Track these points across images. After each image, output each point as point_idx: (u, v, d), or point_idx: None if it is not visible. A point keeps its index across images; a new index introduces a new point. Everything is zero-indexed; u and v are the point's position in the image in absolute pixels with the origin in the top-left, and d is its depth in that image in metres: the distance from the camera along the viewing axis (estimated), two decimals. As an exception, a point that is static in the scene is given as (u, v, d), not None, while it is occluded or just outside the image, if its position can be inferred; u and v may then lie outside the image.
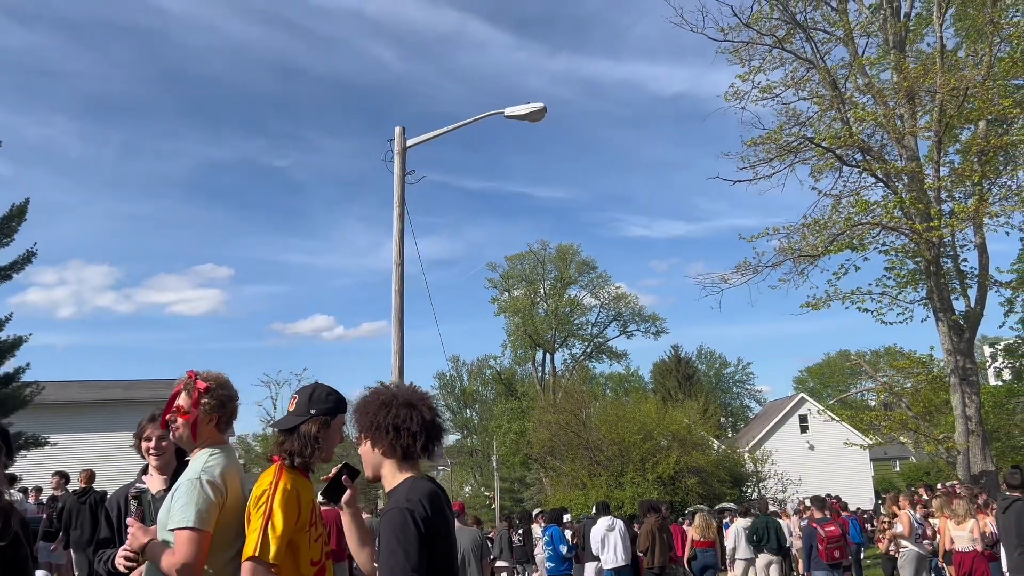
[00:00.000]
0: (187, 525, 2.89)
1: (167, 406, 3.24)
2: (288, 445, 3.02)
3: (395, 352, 12.95)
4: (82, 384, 33.15)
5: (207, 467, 3.06)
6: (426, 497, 2.67)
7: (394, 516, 2.58)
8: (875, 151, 18.13)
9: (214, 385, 3.22)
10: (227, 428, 3.29)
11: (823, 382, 73.14)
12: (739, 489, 32.94)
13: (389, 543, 2.54)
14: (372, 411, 2.79)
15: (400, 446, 2.75)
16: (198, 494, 2.94)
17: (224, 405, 3.23)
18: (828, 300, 18.17)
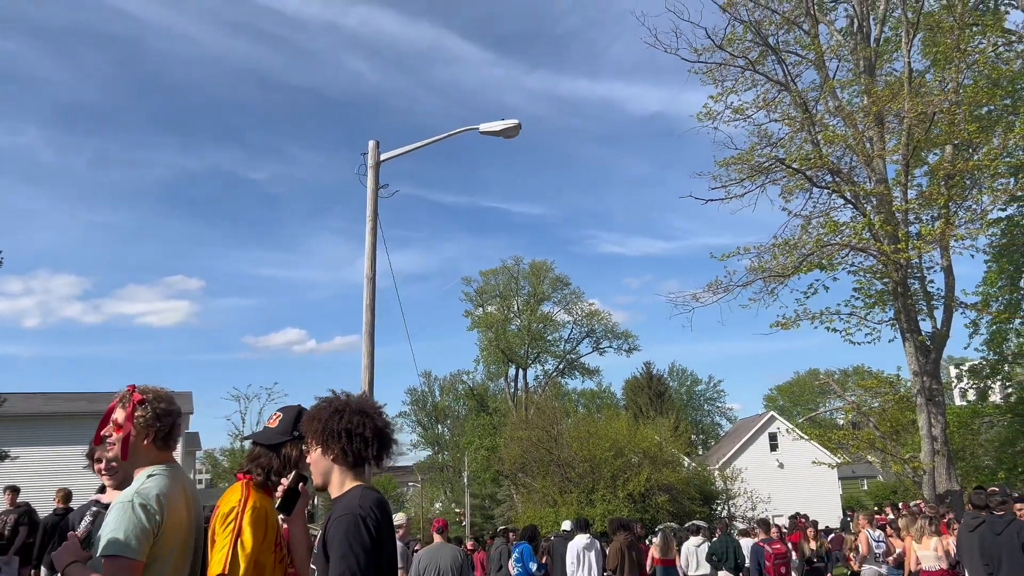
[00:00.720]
0: (112, 552, 2.70)
1: (102, 421, 3.04)
2: (265, 461, 3.00)
3: (365, 367, 12.86)
4: (45, 396, 32.53)
5: (142, 489, 2.85)
6: (376, 505, 2.71)
7: (347, 521, 2.61)
8: (844, 173, 18.40)
9: (150, 397, 3.01)
10: (168, 445, 3.05)
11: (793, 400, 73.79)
12: (709, 507, 32.99)
13: (342, 547, 2.55)
14: (324, 417, 2.81)
15: (352, 452, 2.77)
16: (128, 518, 2.74)
17: (160, 419, 2.98)
18: (798, 319, 18.35)
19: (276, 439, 3.07)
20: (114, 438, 2.98)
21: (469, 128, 13.58)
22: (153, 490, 2.86)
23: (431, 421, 65.84)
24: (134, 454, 2.99)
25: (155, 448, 3.01)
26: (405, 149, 13.89)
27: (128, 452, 2.98)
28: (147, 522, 2.76)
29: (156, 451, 3.01)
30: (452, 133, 13.82)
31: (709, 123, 18.67)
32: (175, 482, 2.96)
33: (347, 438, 2.76)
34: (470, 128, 13.56)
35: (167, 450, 3.06)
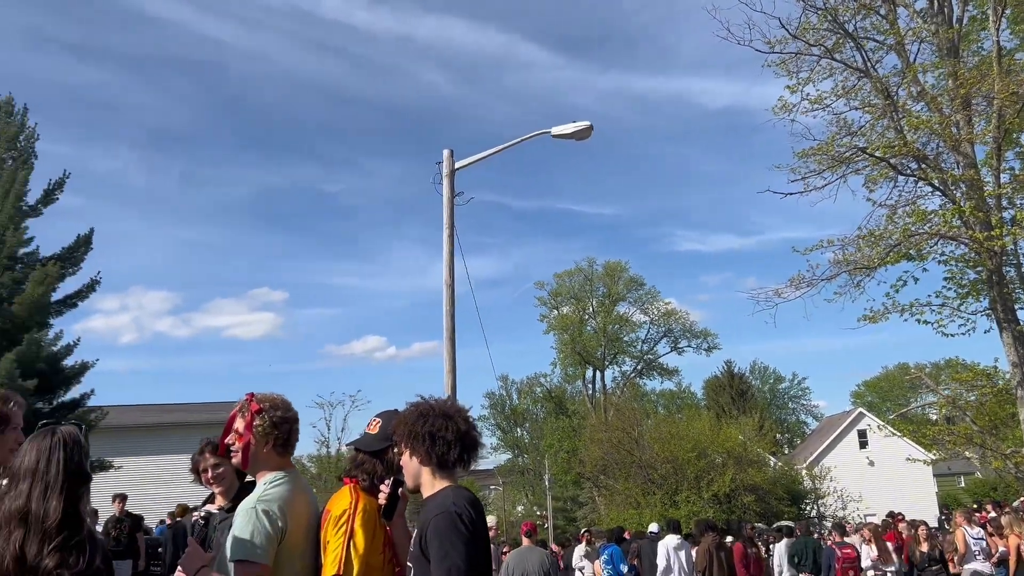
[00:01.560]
0: (241, 557, 2.81)
1: (224, 430, 3.16)
2: (369, 466, 3.09)
3: (447, 372, 13.03)
4: (142, 408, 33.97)
5: (264, 496, 2.95)
6: (470, 503, 2.79)
7: (444, 520, 2.67)
8: (931, 159, 17.74)
9: (267, 406, 3.10)
10: (287, 451, 3.13)
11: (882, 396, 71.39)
12: (797, 507, 32.26)
13: (443, 545, 2.61)
14: (410, 421, 2.91)
15: (435, 454, 2.85)
16: (254, 524, 2.84)
17: (277, 427, 3.07)
18: (886, 313, 17.76)
19: (377, 445, 3.14)
20: (236, 446, 3.09)
21: (541, 132, 13.62)
22: (275, 496, 2.96)
23: (509, 424, 66.06)
24: (254, 461, 3.09)
25: (275, 454, 3.10)
26: (479, 156, 14.01)
27: (248, 460, 3.09)
28: (271, 528, 2.86)
29: (276, 457, 3.11)
30: (524, 138, 13.89)
31: (786, 115, 18.25)
32: (295, 487, 3.06)
33: (431, 441, 2.85)
34: (542, 132, 13.60)
35: (286, 456, 3.15)
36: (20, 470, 2.52)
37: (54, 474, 2.49)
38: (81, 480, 2.56)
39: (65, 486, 2.50)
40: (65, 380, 21.07)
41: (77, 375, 21.24)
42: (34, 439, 2.59)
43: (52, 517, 2.44)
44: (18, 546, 2.39)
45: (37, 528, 2.42)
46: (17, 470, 2.52)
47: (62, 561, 2.40)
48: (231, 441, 3.12)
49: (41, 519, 2.43)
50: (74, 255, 21.50)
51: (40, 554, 2.39)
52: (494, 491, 64.70)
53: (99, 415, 21.79)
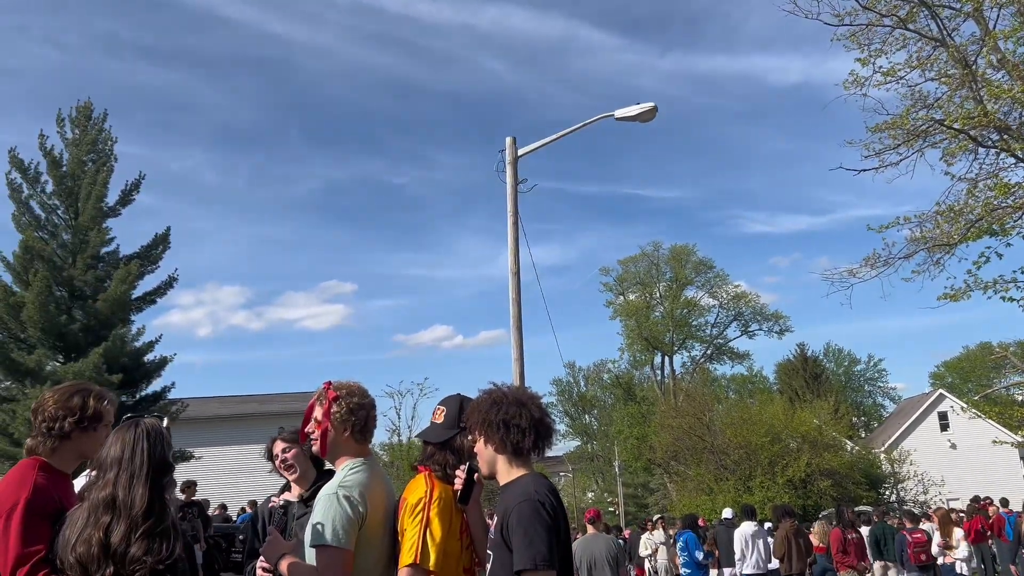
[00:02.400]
0: (324, 542, 2.84)
1: (304, 420, 3.20)
2: (440, 457, 3.09)
3: (515, 359, 13.04)
4: (220, 400, 35.00)
5: (344, 482, 2.99)
6: (550, 491, 2.79)
7: (527, 507, 2.67)
8: (1014, 130, 16.96)
9: (344, 393, 3.13)
10: (365, 438, 3.16)
11: (963, 377, 68.87)
12: (876, 491, 31.52)
13: (527, 532, 2.61)
14: (484, 408, 2.90)
15: (510, 442, 2.85)
16: (335, 510, 2.88)
17: (354, 413, 3.09)
18: (968, 290, 17.08)
19: (444, 435, 3.14)
20: (316, 434, 3.14)
21: (605, 116, 13.47)
22: (355, 482, 3.00)
23: (578, 411, 66.00)
24: (333, 447, 3.13)
25: (353, 441, 3.14)
26: (541, 143, 13.94)
27: (327, 447, 3.12)
28: (352, 513, 2.90)
29: (355, 444, 3.14)
30: (588, 122, 13.76)
31: (857, 89, 17.64)
32: (373, 474, 3.10)
33: (505, 428, 2.85)
34: (606, 116, 13.46)
35: (364, 442, 3.18)
36: (106, 460, 2.59)
37: (139, 464, 2.57)
38: (165, 470, 2.64)
39: (150, 475, 2.57)
40: (147, 374, 21.88)
41: (158, 369, 22.01)
42: (119, 431, 2.67)
43: (138, 505, 2.51)
44: (103, 532, 2.46)
45: (124, 515, 2.49)
46: (103, 460, 2.60)
47: (148, 549, 2.47)
48: (310, 430, 3.16)
49: (128, 507, 2.50)
50: (152, 253, 22.27)
51: (126, 541, 2.46)
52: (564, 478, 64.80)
53: (179, 407, 22.55)
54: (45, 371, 19.80)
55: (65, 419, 2.88)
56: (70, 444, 2.91)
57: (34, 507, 2.66)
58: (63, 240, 21.62)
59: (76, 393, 2.97)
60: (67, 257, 21.27)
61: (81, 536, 2.48)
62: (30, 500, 2.67)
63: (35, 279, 19.34)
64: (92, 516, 2.50)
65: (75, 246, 21.38)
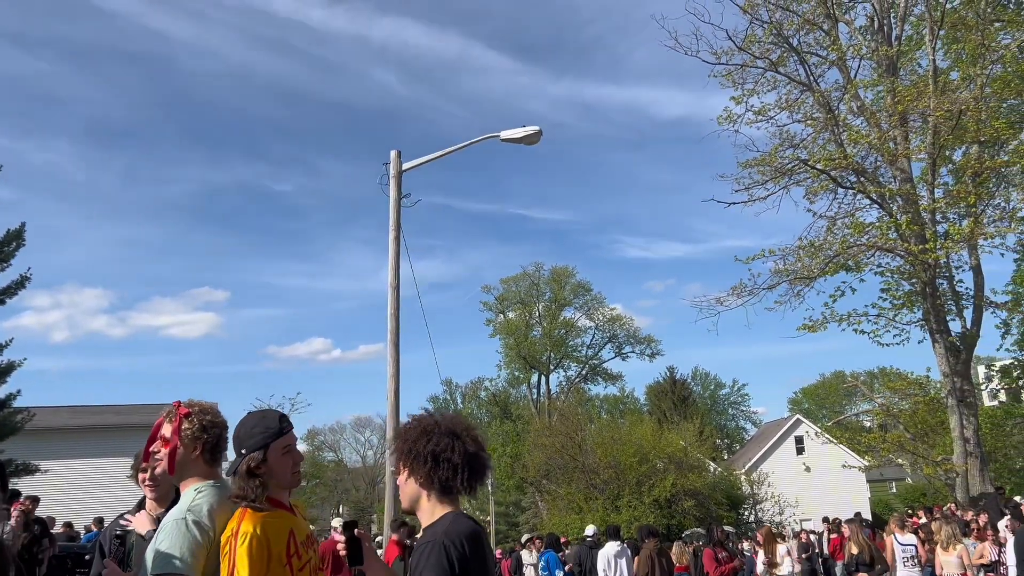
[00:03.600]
0: (169, 571, 2.68)
1: (150, 439, 3.03)
2: (235, 490, 2.86)
3: (391, 376, 12.86)
4: (73, 409, 32.84)
5: (194, 505, 2.84)
6: (467, 536, 2.51)
7: (429, 550, 2.44)
8: (869, 173, 18.22)
9: (196, 411, 2.98)
10: (216, 459, 3.02)
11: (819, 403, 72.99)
12: (736, 512, 32.75)
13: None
14: (412, 439, 2.63)
15: (438, 478, 2.58)
16: (182, 536, 2.73)
17: (206, 431, 2.95)
18: (824, 322, 18.16)
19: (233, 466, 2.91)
20: (162, 453, 2.98)
21: (490, 136, 13.57)
22: (204, 506, 2.85)
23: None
24: (181, 468, 2.97)
25: (203, 462, 2.99)
26: (427, 158, 13.89)
27: (175, 466, 2.96)
28: (200, 538, 2.75)
29: (204, 465, 2.99)
30: (474, 141, 13.82)
31: (730, 126, 18.55)
32: (224, 497, 2.94)
33: (434, 463, 2.58)
34: (491, 136, 13.55)
35: (215, 464, 3.03)
36: None
37: None
38: None
39: None
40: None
41: (3, 374, 20.45)
42: None
43: None
44: None
45: None
46: None
47: None
48: (156, 448, 3.00)
49: None
50: (3, 250, 20.71)
51: None
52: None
53: (25, 416, 21.01)
54: None
55: None
56: None
57: None
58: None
59: None
60: (-96, 250, 19.55)
61: None
62: None
63: None
64: None
65: (-86, 239, 19.68)
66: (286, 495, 2.99)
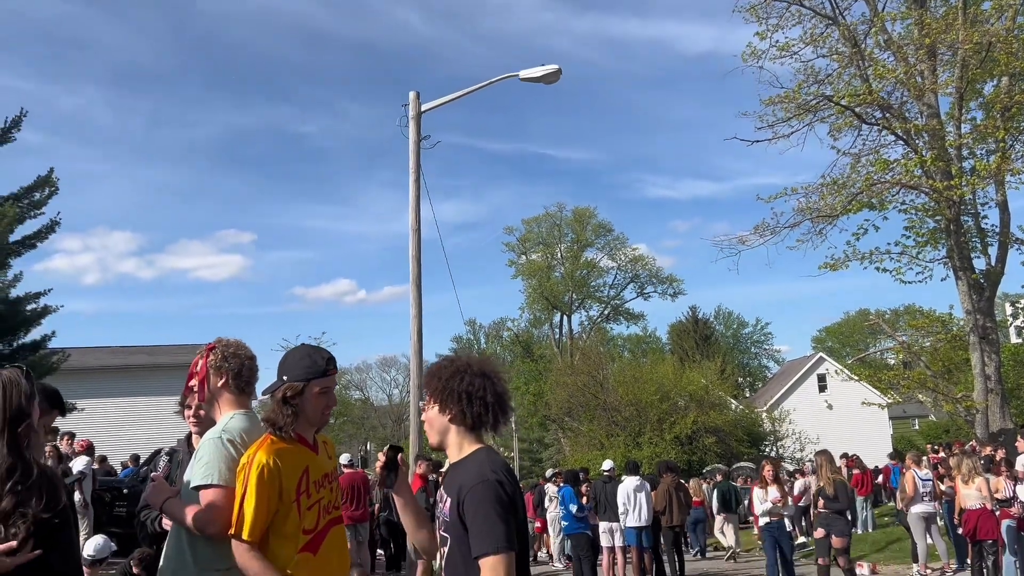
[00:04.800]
0: (210, 482, 2.91)
1: (188, 375, 3.26)
2: (266, 413, 3.00)
3: (413, 317, 13.08)
4: (107, 350, 33.64)
5: (228, 427, 3.06)
6: (505, 469, 2.68)
7: (484, 489, 2.55)
8: (895, 109, 17.89)
9: (220, 344, 3.22)
10: (243, 390, 3.22)
11: (842, 341, 72.83)
12: (757, 448, 33.13)
13: (487, 516, 2.51)
14: (445, 376, 2.76)
15: (471, 414, 2.71)
16: (219, 451, 2.96)
17: (227, 360, 3.16)
18: (847, 260, 18.08)
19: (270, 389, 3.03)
20: (194, 383, 3.22)
21: (510, 75, 13.48)
22: (237, 427, 3.08)
23: (477, 368, 66.50)
24: (212, 395, 3.20)
25: (232, 393, 3.20)
26: (446, 99, 13.85)
27: (206, 392, 3.20)
28: (235, 454, 2.98)
29: (234, 396, 3.20)
30: (492, 81, 13.74)
31: (754, 62, 18.24)
32: (254, 424, 3.15)
33: (467, 400, 2.71)
34: (510, 75, 13.47)
35: (244, 395, 3.24)
36: None
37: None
38: (20, 419, 2.54)
39: (6, 429, 2.49)
40: (25, 322, 20.77)
41: (38, 317, 20.93)
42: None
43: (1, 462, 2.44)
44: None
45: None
46: None
47: (19, 503, 2.42)
48: (193, 382, 3.24)
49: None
50: (33, 195, 21.01)
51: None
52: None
53: (61, 357, 21.56)
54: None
55: None
56: None
57: None
58: (-69, 178, 20.16)
59: None
60: (-64, 196, 19.89)
61: None
62: None
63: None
64: None
65: (-55, 184, 19.97)
66: (311, 433, 3.13)
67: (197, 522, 2.92)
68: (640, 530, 12.15)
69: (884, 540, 15.06)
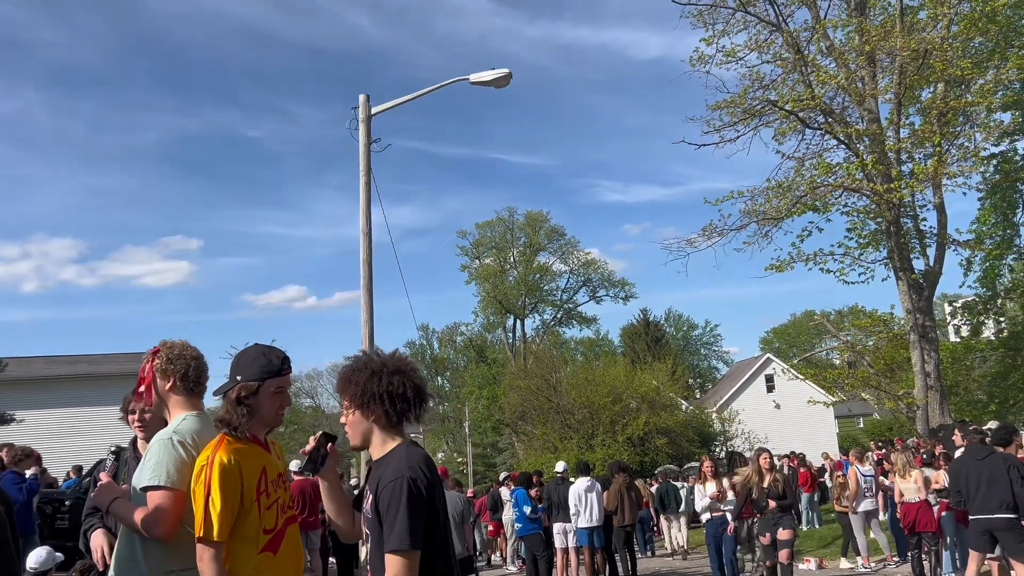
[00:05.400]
0: (158, 483, 2.88)
1: (138, 381, 3.23)
2: (220, 414, 2.96)
3: (364, 322, 13.00)
4: (46, 360, 32.70)
5: (179, 428, 3.03)
6: (423, 463, 2.69)
7: (398, 485, 2.58)
8: (837, 114, 18.34)
9: (165, 347, 3.19)
10: (192, 390, 3.18)
11: (789, 342, 74.19)
12: (708, 448, 33.53)
13: (397, 513, 2.54)
14: (362, 381, 2.74)
15: (395, 412, 2.73)
16: (168, 453, 2.93)
17: (172, 362, 3.14)
18: (791, 262, 18.46)
19: (223, 388, 2.99)
20: (142, 388, 3.19)
21: (460, 79, 13.49)
22: (188, 429, 3.06)
23: (430, 373, 66.40)
24: (161, 399, 3.18)
25: (181, 394, 3.17)
26: (396, 102, 13.81)
27: (152, 396, 3.18)
28: (185, 456, 2.96)
29: (184, 398, 3.18)
30: (443, 84, 13.74)
31: (701, 67, 18.54)
32: (206, 425, 3.13)
33: (389, 401, 2.71)
34: (461, 79, 13.48)
35: (194, 396, 3.21)
36: None
37: None
38: None
39: None
40: (-39, 331, 20.14)
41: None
42: None
43: None
44: None
45: None
46: None
47: None
48: (141, 388, 3.21)
49: None
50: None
51: None
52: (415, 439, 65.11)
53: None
54: None
55: None
56: None
57: None
58: None
59: None
60: None
61: None
62: None
63: None
64: None
65: None
66: (263, 433, 3.09)
67: (144, 524, 2.89)
68: (592, 530, 12.23)
69: (831, 536, 15.37)
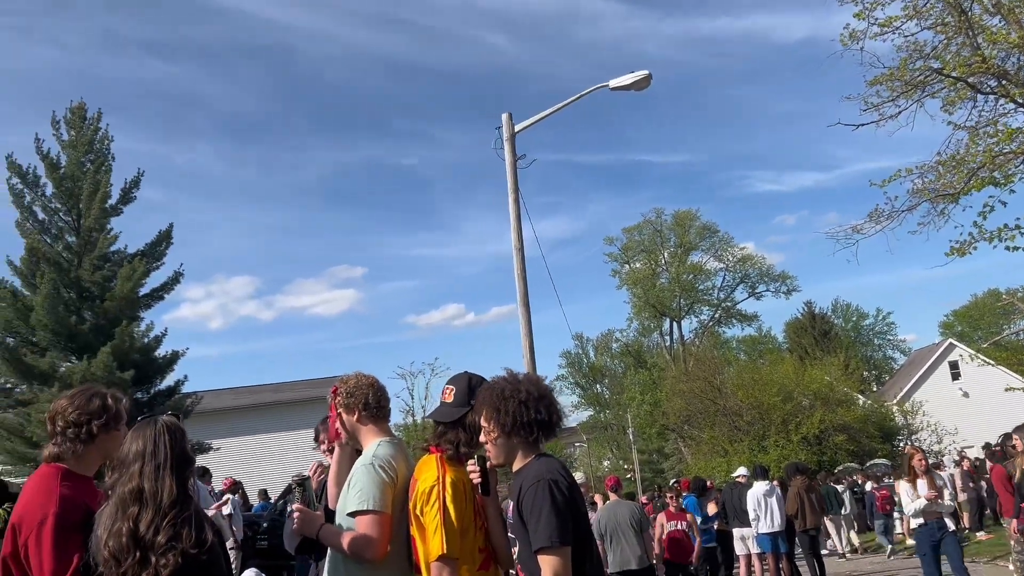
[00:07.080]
0: (368, 508, 3.03)
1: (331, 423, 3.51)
2: (453, 436, 3.13)
3: (524, 335, 13.12)
4: (233, 391, 35.22)
5: (377, 453, 3.19)
6: (561, 469, 2.90)
7: (540, 487, 2.75)
8: (1012, 75, 16.83)
9: (340, 383, 3.40)
10: (377, 416, 3.36)
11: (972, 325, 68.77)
12: (890, 444, 31.65)
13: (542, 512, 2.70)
14: (511, 409, 2.92)
15: (543, 436, 2.96)
16: (371, 478, 3.08)
17: (352, 395, 3.32)
18: (973, 243, 17.01)
19: (455, 414, 3.17)
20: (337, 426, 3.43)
21: (599, 86, 13.42)
22: (385, 454, 3.22)
23: (588, 382, 66.28)
24: (352, 432, 3.39)
25: (368, 421, 3.36)
26: (538, 117, 13.89)
27: (344, 432, 3.40)
28: (387, 479, 3.12)
29: (372, 425, 3.36)
30: (582, 94, 13.70)
31: (854, 44, 17.51)
32: (398, 449, 3.31)
33: (538, 426, 2.92)
34: (600, 86, 13.40)
35: (381, 421, 3.40)
36: (128, 456, 2.67)
37: (163, 456, 2.65)
38: (187, 462, 2.74)
39: (175, 467, 2.65)
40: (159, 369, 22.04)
41: (170, 364, 22.17)
42: (138, 428, 2.75)
43: (166, 495, 2.59)
44: (132, 522, 2.53)
45: (151, 505, 2.57)
46: (126, 456, 2.68)
47: (175, 536, 2.55)
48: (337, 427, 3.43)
49: (155, 496, 2.58)
50: (156, 250, 22.35)
51: (154, 529, 2.54)
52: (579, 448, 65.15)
53: (194, 400, 22.73)
54: (58, 373, 19.97)
55: (91, 422, 2.94)
56: (94, 446, 2.98)
57: (63, 520, 2.72)
58: (68, 242, 21.74)
59: (94, 396, 3.03)
60: (72, 259, 21.38)
61: (111, 530, 2.54)
62: (58, 513, 2.73)
63: (42, 282, 19.45)
64: (120, 510, 2.57)
65: (80, 247, 21.50)
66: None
67: (354, 547, 3.04)
68: (774, 536, 11.75)
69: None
